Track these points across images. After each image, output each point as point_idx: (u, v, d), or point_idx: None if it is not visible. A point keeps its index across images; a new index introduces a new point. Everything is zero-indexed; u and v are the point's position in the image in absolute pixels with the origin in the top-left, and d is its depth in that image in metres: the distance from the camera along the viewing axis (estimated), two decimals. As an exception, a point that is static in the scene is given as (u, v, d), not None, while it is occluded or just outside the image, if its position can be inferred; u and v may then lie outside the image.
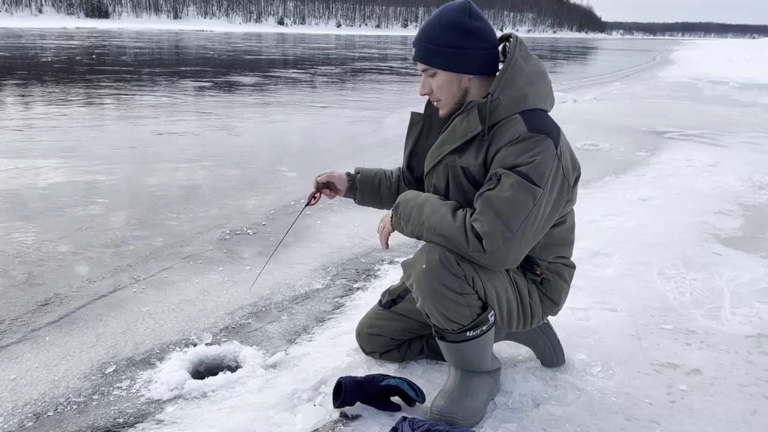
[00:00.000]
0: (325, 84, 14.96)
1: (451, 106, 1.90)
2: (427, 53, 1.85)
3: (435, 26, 1.84)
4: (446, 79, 1.86)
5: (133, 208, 4.41)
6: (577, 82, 17.36)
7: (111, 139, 7.04)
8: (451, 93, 1.88)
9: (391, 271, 3.37)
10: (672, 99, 12.72)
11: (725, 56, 36.75)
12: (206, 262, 3.46)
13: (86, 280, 3.15)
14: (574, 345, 2.40)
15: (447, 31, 1.82)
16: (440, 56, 1.84)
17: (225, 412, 2.03)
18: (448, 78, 1.86)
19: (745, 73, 21.43)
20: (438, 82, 1.87)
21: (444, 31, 1.82)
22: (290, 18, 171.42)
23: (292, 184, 5.16)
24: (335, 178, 2.22)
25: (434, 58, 1.85)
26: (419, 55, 1.88)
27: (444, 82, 1.87)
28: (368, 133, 8.06)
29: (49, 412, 2.08)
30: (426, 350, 2.28)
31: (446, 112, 1.92)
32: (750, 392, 2.16)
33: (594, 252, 3.50)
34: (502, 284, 1.86)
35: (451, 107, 1.90)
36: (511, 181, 1.70)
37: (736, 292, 3.00)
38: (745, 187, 5.19)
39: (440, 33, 1.82)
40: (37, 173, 5.29)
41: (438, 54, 1.84)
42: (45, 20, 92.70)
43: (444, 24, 1.82)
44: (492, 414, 1.98)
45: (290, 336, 2.65)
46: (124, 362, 2.40)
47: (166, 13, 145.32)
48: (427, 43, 1.85)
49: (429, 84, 1.90)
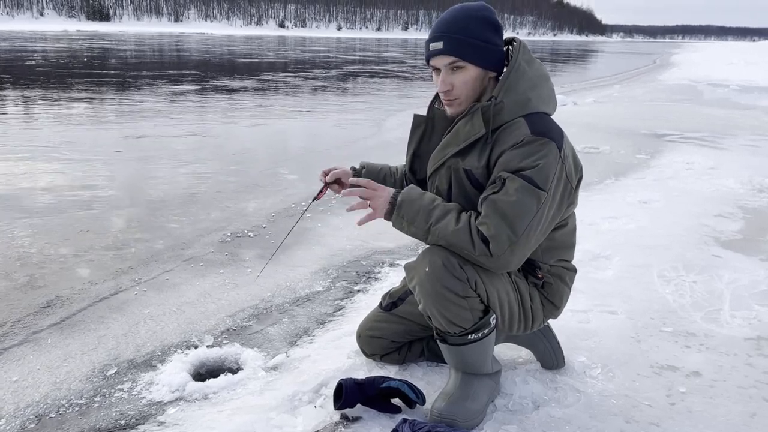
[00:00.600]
0: (325, 87, 14.98)
1: (467, 104, 1.85)
2: (460, 46, 1.77)
3: (465, 18, 1.78)
4: (475, 74, 1.81)
5: (134, 210, 4.42)
6: (577, 85, 17.38)
7: (110, 141, 7.04)
8: (474, 90, 1.83)
9: (391, 274, 3.38)
10: (672, 102, 12.73)
11: (725, 59, 36.77)
12: (207, 264, 3.47)
13: (88, 283, 3.16)
14: (574, 347, 2.41)
15: (480, 24, 1.78)
16: (474, 50, 1.78)
17: (226, 413, 2.03)
18: (476, 74, 1.81)
19: (746, 75, 21.44)
20: (464, 77, 1.81)
21: (477, 24, 1.78)
22: (291, 21, 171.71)
23: (293, 187, 5.17)
24: (341, 174, 2.19)
25: (467, 50, 1.77)
26: (450, 47, 1.77)
27: (471, 78, 1.81)
28: (368, 135, 8.08)
29: (51, 414, 2.09)
30: (426, 352, 2.28)
31: (459, 111, 1.86)
32: (749, 394, 2.17)
33: (594, 254, 3.50)
34: (504, 288, 1.87)
35: (466, 106, 1.85)
36: (516, 185, 1.70)
37: (735, 295, 3.01)
38: (745, 189, 5.19)
39: (472, 26, 1.77)
40: (38, 175, 5.30)
41: (471, 47, 1.77)
42: (46, 23, 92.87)
43: (475, 18, 1.78)
44: (492, 416, 1.99)
45: (291, 338, 2.65)
46: (126, 364, 2.41)
47: (167, 16, 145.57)
48: (458, 34, 1.77)
49: (451, 80, 1.81)
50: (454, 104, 1.87)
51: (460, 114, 1.87)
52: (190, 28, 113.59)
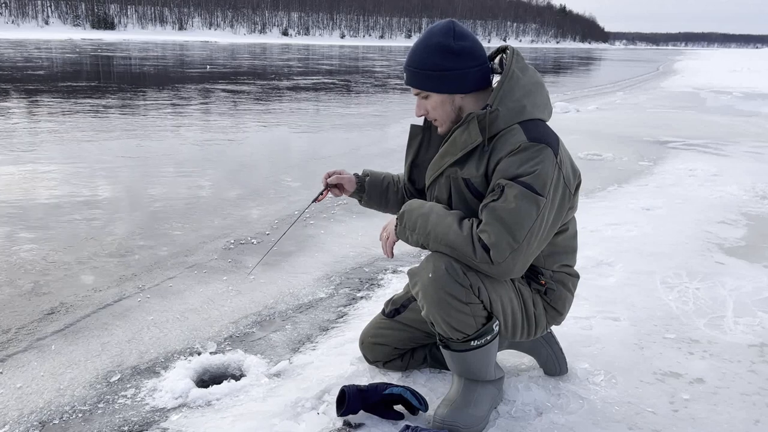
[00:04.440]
0: (327, 93, 15.03)
1: (448, 123, 1.94)
2: (417, 78, 1.89)
3: (422, 51, 1.87)
4: (439, 100, 1.90)
5: (137, 217, 4.44)
6: (580, 92, 17.40)
7: (114, 149, 7.07)
8: (445, 112, 1.92)
9: (394, 281, 3.38)
10: (675, 109, 12.74)
11: (728, 66, 36.80)
12: (210, 271, 3.48)
13: (91, 290, 3.17)
14: (577, 354, 2.41)
15: (434, 54, 1.85)
16: (430, 80, 1.87)
17: (229, 420, 2.04)
18: (440, 99, 1.90)
19: (748, 83, 21.46)
20: (432, 103, 1.92)
21: (431, 54, 1.85)
22: (294, 29, 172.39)
23: (296, 194, 5.18)
24: (344, 179, 2.24)
25: (424, 82, 1.88)
26: (410, 79, 1.92)
27: (437, 104, 1.91)
28: (371, 143, 8.10)
29: (55, 421, 2.10)
30: (429, 359, 2.29)
31: (445, 130, 1.96)
32: (753, 401, 2.16)
33: (597, 261, 3.50)
34: (507, 294, 1.88)
35: (449, 125, 1.94)
36: (515, 191, 1.71)
37: (739, 302, 3.00)
38: (749, 196, 5.19)
39: (427, 57, 1.86)
40: (41, 182, 5.32)
41: (427, 78, 1.87)
42: (51, 32, 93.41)
43: (430, 48, 1.86)
44: (495, 423, 1.99)
45: (294, 345, 2.66)
46: (129, 371, 2.41)
47: (171, 25, 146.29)
48: (415, 68, 1.88)
49: (424, 105, 1.95)
50: (437, 124, 1.97)
51: (446, 132, 1.95)
52: (194, 36, 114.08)
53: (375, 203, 2.28)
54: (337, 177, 2.23)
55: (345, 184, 2.25)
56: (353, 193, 2.27)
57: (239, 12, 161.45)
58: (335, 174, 2.24)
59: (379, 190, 2.25)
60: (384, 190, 2.25)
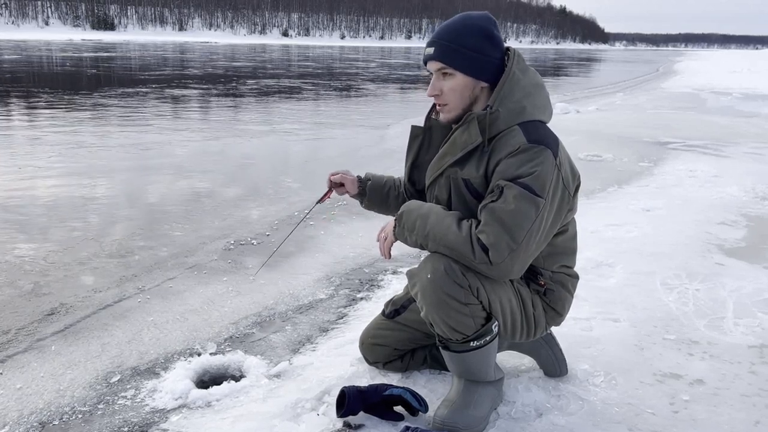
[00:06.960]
0: (328, 95, 15.03)
1: (457, 112, 1.88)
2: (448, 52, 1.81)
3: (460, 28, 1.82)
4: (462, 83, 1.84)
5: (137, 218, 4.44)
6: (580, 93, 17.40)
7: (114, 149, 7.08)
8: (462, 98, 1.86)
9: (394, 281, 3.38)
10: (675, 110, 12.74)
11: (728, 67, 36.81)
12: (211, 272, 3.48)
13: (91, 290, 3.17)
14: (576, 355, 2.41)
15: (473, 34, 1.81)
16: (463, 58, 1.81)
17: (229, 421, 2.04)
18: (464, 82, 1.84)
19: (749, 83, 21.46)
20: (452, 84, 1.84)
21: (470, 34, 1.81)
22: (294, 30, 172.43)
23: (296, 195, 5.18)
24: (347, 181, 2.25)
25: (455, 58, 1.81)
26: (439, 53, 1.82)
27: (459, 86, 1.84)
28: (372, 144, 8.10)
29: (55, 422, 2.10)
30: (429, 360, 2.29)
31: (450, 118, 1.90)
32: (753, 402, 2.16)
33: (597, 262, 3.50)
34: (506, 295, 1.88)
35: (457, 113, 1.88)
36: (514, 192, 1.71)
37: (739, 303, 3.00)
38: (749, 197, 5.19)
39: (466, 35, 1.81)
40: (41, 183, 5.33)
41: (460, 55, 1.81)
42: (51, 32, 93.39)
43: (469, 27, 1.81)
44: (495, 424, 1.99)
45: (294, 346, 2.66)
46: (129, 372, 2.41)
47: (171, 25, 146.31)
48: (450, 42, 1.81)
49: (440, 86, 1.86)
50: (444, 110, 1.91)
51: (451, 121, 1.91)
52: (194, 37, 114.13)
53: (376, 207, 2.29)
54: (342, 176, 2.25)
55: (347, 186, 2.26)
56: (355, 195, 2.28)
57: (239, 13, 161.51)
58: (340, 174, 2.25)
59: (380, 195, 2.26)
60: (385, 194, 2.26)
